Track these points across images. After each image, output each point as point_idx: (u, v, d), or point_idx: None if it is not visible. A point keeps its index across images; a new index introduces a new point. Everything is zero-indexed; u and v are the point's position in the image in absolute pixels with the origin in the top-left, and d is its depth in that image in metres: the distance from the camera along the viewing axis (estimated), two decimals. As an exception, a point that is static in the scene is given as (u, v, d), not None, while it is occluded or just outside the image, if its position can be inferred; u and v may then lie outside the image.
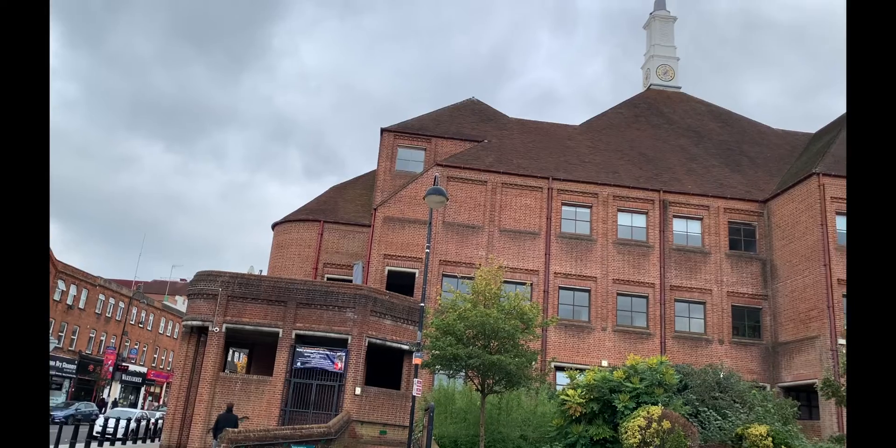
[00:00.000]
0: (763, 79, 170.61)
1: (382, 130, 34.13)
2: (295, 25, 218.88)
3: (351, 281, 30.77)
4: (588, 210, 31.77)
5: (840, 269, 27.85)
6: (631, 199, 32.01)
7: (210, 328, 23.17)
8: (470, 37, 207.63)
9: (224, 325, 23.10)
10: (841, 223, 28.81)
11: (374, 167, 35.57)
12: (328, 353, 22.95)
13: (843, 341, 26.05)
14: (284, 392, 22.59)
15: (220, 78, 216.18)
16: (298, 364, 22.81)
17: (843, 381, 19.61)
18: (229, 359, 39.19)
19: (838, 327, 26.75)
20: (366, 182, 36.79)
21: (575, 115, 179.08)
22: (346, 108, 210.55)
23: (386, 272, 29.94)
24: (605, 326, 29.96)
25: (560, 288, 30.39)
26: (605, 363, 27.76)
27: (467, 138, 34.38)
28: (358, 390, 22.72)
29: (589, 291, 30.52)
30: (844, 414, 25.17)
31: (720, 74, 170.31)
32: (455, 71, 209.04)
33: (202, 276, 24.15)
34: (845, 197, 28.55)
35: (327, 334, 23.23)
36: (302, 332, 23.16)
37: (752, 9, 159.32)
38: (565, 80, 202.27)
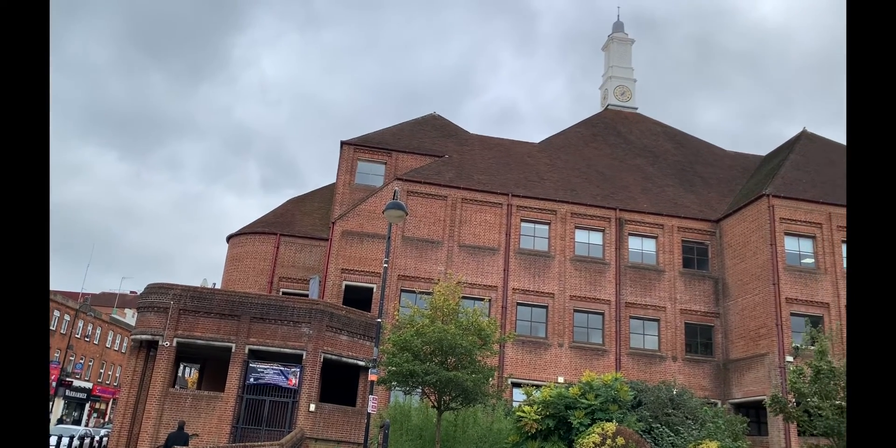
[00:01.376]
0: (716, 102, 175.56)
1: (342, 143, 33.97)
2: (257, 37, 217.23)
3: (307, 295, 30.36)
4: (546, 227, 32.06)
5: (788, 288, 28.63)
6: (588, 216, 32.43)
7: (160, 342, 22.56)
8: (433, 53, 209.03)
9: (175, 340, 22.52)
10: (790, 243, 29.67)
11: (334, 180, 35.34)
12: (282, 368, 22.55)
13: (790, 358, 26.70)
14: (236, 408, 22.08)
15: (179, 88, 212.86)
16: (251, 380, 22.35)
17: (791, 397, 20.04)
18: (180, 374, 38.19)
19: (786, 345, 27.43)
20: (324, 195, 36.48)
21: (535, 132, 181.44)
22: (307, 121, 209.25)
23: (343, 287, 29.63)
24: (561, 343, 30.14)
25: (518, 304, 30.51)
26: (561, 379, 27.89)
27: (428, 153, 34.45)
28: (312, 407, 22.35)
29: (546, 308, 30.70)
30: (792, 430, 25.73)
31: (676, 97, 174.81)
32: (417, 86, 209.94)
33: (153, 289, 23.57)
34: (795, 218, 29.59)
35: (282, 350, 22.84)
36: (256, 347, 22.73)
37: (708, 35, 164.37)
38: (526, 98, 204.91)
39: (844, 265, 29.71)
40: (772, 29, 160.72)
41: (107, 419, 61.69)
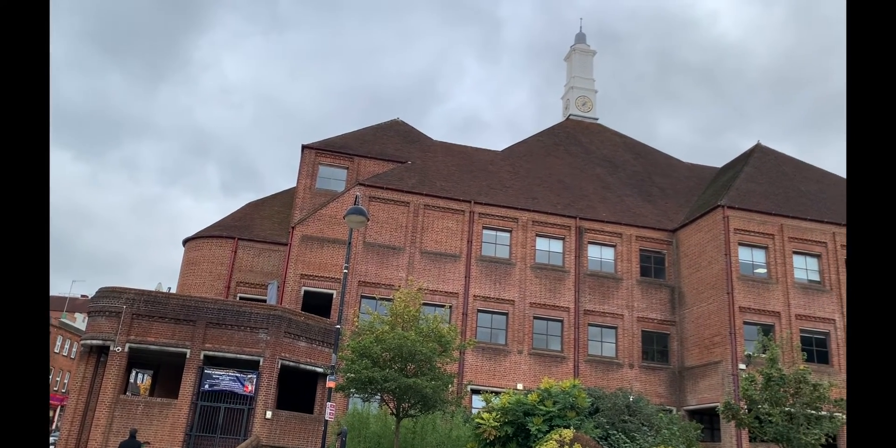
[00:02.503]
0: (674, 115, 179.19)
1: (304, 147, 33.67)
2: (218, 38, 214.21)
3: (265, 301, 29.93)
4: (508, 234, 32.24)
5: (741, 297, 29.29)
6: (549, 224, 32.72)
7: (112, 348, 21.96)
8: (398, 59, 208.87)
9: (127, 345, 21.95)
10: (743, 254, 30.39)
11: (294, 185, 34.98)
12: (238, 375, 22.15)
13: (743, 366, 27.30)
14: (190, 416, 21.59)
15: (137, 88, 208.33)
16: (206, 386, 21.89)
17: (743, 404, 20.49)
18: (132, 380, 37.23)
19: (739, 353, 28.04)
20: (284, 199, 36.08)
21: (498, 140, 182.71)
22: (269, 125, 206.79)
23: (302, 292, 29.30)
24: (521, 349, 30.28)
25: (479, 311, 30.57)
26: (520, 386, 27.99)
27: (391, 159, 34.37)
28: (269, 414, 21.99)
29: (507, 315, 30.83)
30: (744, 436, 26.28)
31: (635, 108, 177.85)
32: (382, 92, 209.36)
33: (105, 293, 22.96)
34: (748, 229, 30.29)
35: (238, 356, 22.44)
36: (211, 352, 22.29)
37: (667, 49, 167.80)
38: (490, 106, 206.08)
39: (795, 275, 30.56)
40: (729, 45, 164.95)
41: (54, 427, 59.70)
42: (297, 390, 24.65)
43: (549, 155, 38.35)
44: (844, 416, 19.82)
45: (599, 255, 32.96)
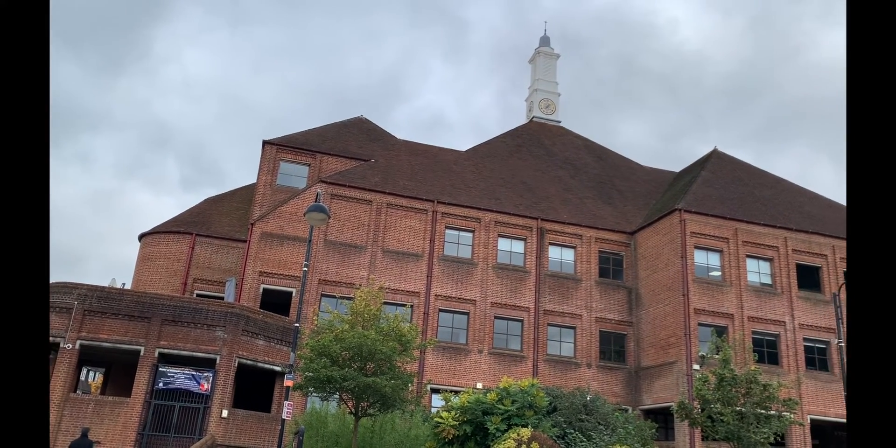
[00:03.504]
0: (635, 119, 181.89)
1: (265, 143, 33.23)
2: (180, 31, 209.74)
3: (223, 298, 29.46)
4: (470, 234, 32.33)
5: (696, 299, 29.92)
6: (511, 225, 32.92)
7: (62, 345, 21.38)
8: (363, 58, 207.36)
9: (78, 342, 21.40)
10: (699, 257, 31.03)
11: (254, 181, 34.50)
12: (194, 373, 21.78)
13: (697, 366, 27.88)
14: (143, 414, 21.15)
15: (94, 79, 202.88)
16: (161, 384, 21.47)
17: (696, 404, 20.93)
18: (82, 378, 36.25)
19: (693, 353, 28.62)
20: (243, 195, 35.55)
21: (463, 141, 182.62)
22: (231, 120, 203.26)
23: (261, 290, 28.92)
24: (481, 349, 30.41)
25: (440, 310, 30.59)
26: (479, 385, 28.10)
27: (354, 156, 34.15)
28: (225, 413, 21.67)
29: (468, 314, 30.92)
30: (697, 435, 26.86)
31: (597, 112, 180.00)
32: (346, 90, 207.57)
33: (56, 288, 22.32)
34: (704, 232, 30.92)
35: (194, 354, 22.07)
36: (166, 350, 21.87)
37: (629, 55, 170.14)
38: (455, 106, 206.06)
39: (748, 278, 31.33)
40: (689, 53, 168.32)
41: None
42: (255, 389, 24.35)
43: (513, 156, 38.59)
44: (792, 416, 20.44)
45: (560, 256, 33.29)
